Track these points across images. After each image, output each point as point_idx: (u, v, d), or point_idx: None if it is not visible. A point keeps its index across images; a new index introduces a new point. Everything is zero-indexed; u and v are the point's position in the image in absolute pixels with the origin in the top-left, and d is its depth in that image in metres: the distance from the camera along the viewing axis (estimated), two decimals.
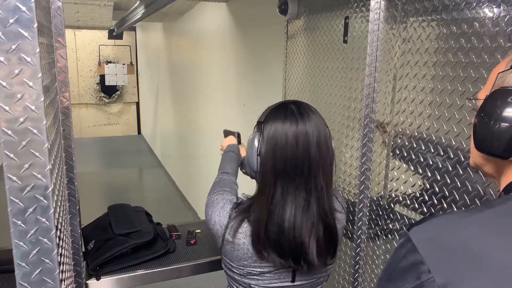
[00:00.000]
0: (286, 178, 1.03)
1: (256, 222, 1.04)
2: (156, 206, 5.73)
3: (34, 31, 0.62)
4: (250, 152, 1.08)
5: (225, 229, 1.07)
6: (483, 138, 0.69)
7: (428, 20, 1.26)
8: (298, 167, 1.02)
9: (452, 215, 0.62)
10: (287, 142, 1.02)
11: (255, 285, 1.09)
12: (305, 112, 1.06)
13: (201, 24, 4.46)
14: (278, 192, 1.03)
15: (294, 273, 1.09)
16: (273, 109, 1.10)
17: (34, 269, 0.68)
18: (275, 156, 1.03)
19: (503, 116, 0.65)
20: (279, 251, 1.03)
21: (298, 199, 1.03)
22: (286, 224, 1.02)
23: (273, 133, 1.04)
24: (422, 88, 1.29)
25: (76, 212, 1.22)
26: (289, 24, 2.09)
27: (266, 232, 1.03)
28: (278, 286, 1.09)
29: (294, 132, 1.02)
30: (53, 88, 0.96)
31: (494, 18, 1.04)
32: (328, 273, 1.18)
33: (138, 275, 1.42)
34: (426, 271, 0.55)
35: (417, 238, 0.59)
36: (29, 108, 0.64)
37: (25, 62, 0.62)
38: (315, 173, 1.03)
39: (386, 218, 1.49)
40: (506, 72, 0.68)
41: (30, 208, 0.66)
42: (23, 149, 0.64)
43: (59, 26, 1.09)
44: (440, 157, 1.23)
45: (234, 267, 1.10)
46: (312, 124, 1.04)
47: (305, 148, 1.02)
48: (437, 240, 0.58)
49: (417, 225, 0.61)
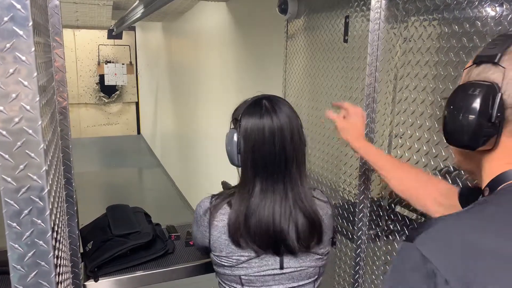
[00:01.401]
0: (264, 173, 1.10)
1: (235, 213, 1.10)
2: (156, 206, 5.73)
3: (29, 30, 0.61)
4: (230, 149, 1.13)
5: (209, 219, 1.13)
6: (450, 131, 0.70)
7: (429, 19, 1.25)
8: (276, 163, 1.09)
9: (452, 217, 0.60)
10: (264, 140, 1.08)
11: (245, 275, 1.12)
12: (278, 107, 1.11)
13: (200, 24, 4.45)
14: (257, 187, 1.10)
15: (282, 260, 1.13)
16: (248, 107, 1.13)
17: (29, 271, 0.67)
18: (254, 154, 1.09)
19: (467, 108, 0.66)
20: (258, 242, 1.09)
21: (276, 191, 1.10)
22: (266, 217, 1.08)
23: (250, 131, 1.09)
24: (424, 88, 1.28)
25: (74, 213, 1.21)
26: (289, 23, 2.08)
27: (246, 224, 1.09)
28: (268, 274, 1.12)
29: (271, 129, 1.08)
30: (50, 87, 0.94)
31: (497, 17, 1.03)
32: (319, 264, 1.18)
33: (136, 276, 1.41)
34: (442, 283, 0.51)
35: (426, 248, 0.55)
36: (24, 108, 0.63)
37: (20, 61, 0.61)
38: (290, 166, 1.10)
39: (386, 219, 1.48)
40: (470, 68, 0.71)
41: (26, 210, 0.65)
42: (18, 149, 0.63)
43: (56, 25, 1.08)
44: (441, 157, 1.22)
45: (223, 258, 1.13)
46: (285, 118, 1.10)
47: (282, 144, 1.09)
48: (448, 246, 0.54)
49: (420, 234, 0.57)
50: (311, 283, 1.19)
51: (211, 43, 4.08)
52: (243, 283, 1.13)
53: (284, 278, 1.14)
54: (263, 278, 1.12)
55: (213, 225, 1.13)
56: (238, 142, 1.11)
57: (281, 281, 1.14)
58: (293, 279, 1.15)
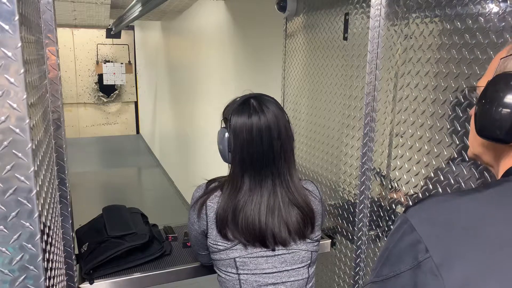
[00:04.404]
0: (252, 171, 1.15)
1: (223, 208, 1.15)
2: (155, 206, 5.71)
3: (15, 24, 0.58)
4: (222, 147, 1.18)
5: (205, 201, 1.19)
6: (486, 124, 0.67)
7: (431, 16, 1.23)
8: (264, 161, 1.14)
9: (450, 195, 0.62)
10: (252, 139, 1.13)
11: (239, 256, 1.16)
12: (265, 106, 1.15)
13: (199, 22, 4.43)
14: (245, 184, 1.15)
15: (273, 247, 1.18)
16: (237, 107, 1.17)
17: (18, 276, 0.65)
18: (242, 153, 1.14)
19: (505, 101, 0.64)
20: (245, 235, 1.15)
21: (264, 188, 1.15)
22: (251, 214, 1.14)
23: (239, 131, 1.14)
24: (425, 86, 1.26)
25: (68, 214, 1.18)
26: (288, 21, 2.06)
27: (234, 219, 1.14)
28: (261, 255, 1.17)
29: (258, 128, 1.13)
30: (42, 85, 0.92)
31: (500, 12, 1.01)
32: (310, 248, 1.22)
33: (133, 278, 1.39)
34: (423, 250, 0.54)
35: (415, 218, 0.58)
36: (11, 106, 0.60)
37: (5, 56, 0.58)
38: (278, 162, 1.16)
39: (387, 219, 1.46)
40: (508, 58, 0.67)
41: (13, 212, 0.63)
42: (5, 149, 0.61)
43: (49, 22, 1.05)
44: (443, 157, 1.19)
45: (220, 243, 1.17)
46: (273, 118, 1.14)
47: (269, 143, 1.13)
48: (435, 219, 0.57)
49: (414, 206, 0.61)
50: (305, 267, 1.22)
51: (210, 42, 4.06)
52: (237, 266, 1.17)
53: (277, 260, 1.18)
54: (256, 260, 1.17)
55: (209, 206, 1.18)
56: (228, 141, 1.16)
57: (274, 264, 1.18)
58: (286, 262, 1.19)
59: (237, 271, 1.17)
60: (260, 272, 1.17)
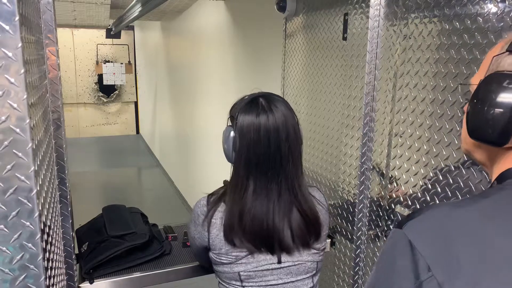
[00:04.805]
0: (258, 173, 1.10)
1: (229, 213, 1.11)
2: (155, 206, 5.71)
3: (15, 25, 0.59)
4: (227, 146, 1.13)
5: (208, 218, 1.14)
6: (477, 125, 0.65)
7: (429, 16, 1.23)
8: (270, 163, 1.09)
9: (446, 206, 0.59)
10: (259, 140, 1.08)
11: (244, 271, 1.12)
12: (274, 106, 1.11)
13: (199, 23, 4.43)
14: (250, 186, 1.10)
15: (279, 255, 1.14)
16: (244, 105, 1.13)
17: (18, 275, 0.65)
18: (249, 153, 1.09)
19: (498, 101, 0.61)
20: (253, 241, 1.10)
21: (270, 191, 1.10)
22: (259, 217, 1.09)
23: (246, 130, 1.09)
24: (424, 86, 1.26)
25: (68, 214, 1.19)
26: (288, 21, 2.06)
27: (240, 224, 1.09)
28: (266, 268, 1.13)
29: (266, 128, 1.08)
30: (42, 85, 0.92)
31: (499, 13, 1.01)
32: (316, 258, 1.18)
33: (132, 278, 1.39)
34: (425, 269, 0.52)
35: (413, 234, 0.55)
36: (11, 106, 0.61)
37: (6, 57, 0.59)
38: (286, 165, 1.10)
39: (386, 219, 1.46)
40: (501, 56, 0.64)
41: (13, 211, 0.63)
42: (5, 149, 0.61)
43: (49, 22, 1.06)
44: (442, 156, 1.20)
45: (222, 256, 1.13)
46: (281, 118, 1.09)
47: (277, 144, 1.08)
48: (434, 235, 0.54)
49: (410, 220, 0.57)
50: (309, 278, 1.19)
51: (210, 42, 4.06)
52: (242, 279, 1.13)
53: (282, 272, 1.14)
54: (261, 273, 1.13)
55: (212, 223, 1.13)
56: (234, 140, 1.11)
57: (279, 276, 1.14)
58: (291, 273, 1.15)
59: (241, 283, 1.14)
60: (265, 284, 1.14)
